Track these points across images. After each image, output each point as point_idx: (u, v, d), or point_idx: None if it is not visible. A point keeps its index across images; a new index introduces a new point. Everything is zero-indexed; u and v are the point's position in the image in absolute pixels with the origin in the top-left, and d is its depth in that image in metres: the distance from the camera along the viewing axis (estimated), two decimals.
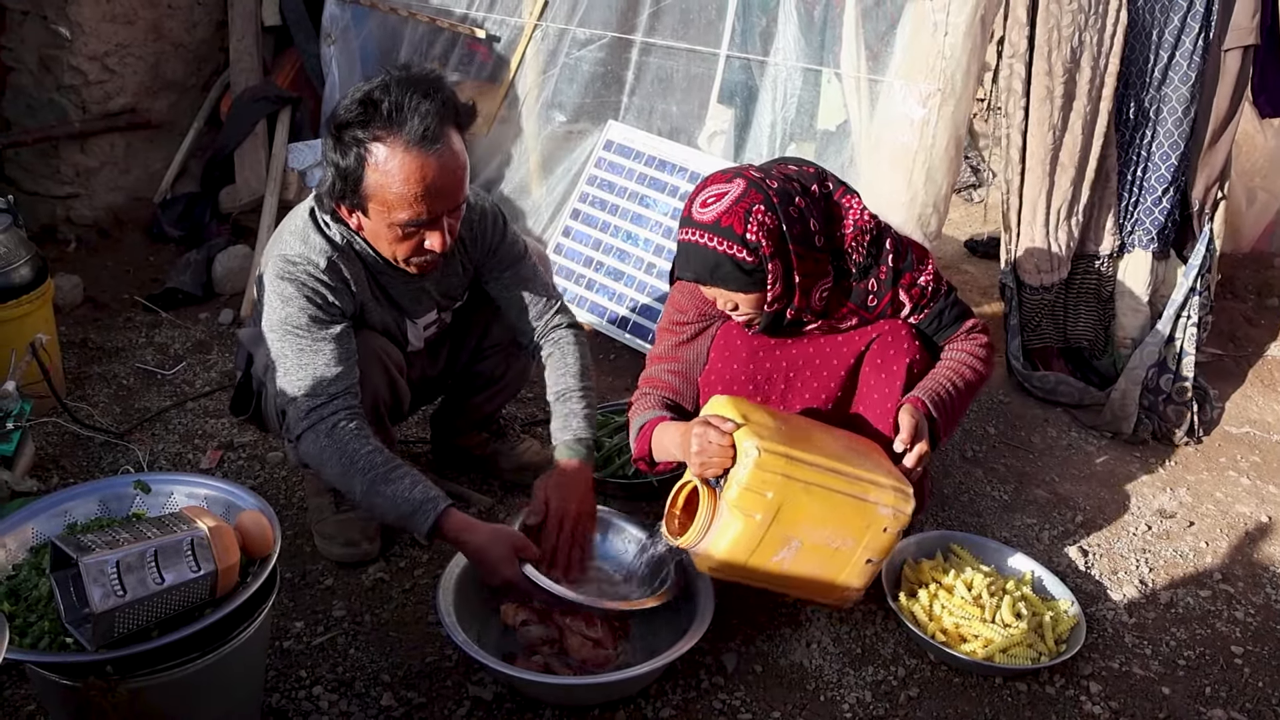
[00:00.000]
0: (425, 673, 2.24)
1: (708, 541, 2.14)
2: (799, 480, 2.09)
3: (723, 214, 2.17)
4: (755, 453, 2.07)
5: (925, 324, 2.45)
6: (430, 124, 2.05)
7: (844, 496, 2.13)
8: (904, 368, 2.37)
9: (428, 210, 2.11)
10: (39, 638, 1.73)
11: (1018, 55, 3.16)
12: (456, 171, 2.12)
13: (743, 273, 2.19)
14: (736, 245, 2.16)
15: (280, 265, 2.23)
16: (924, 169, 3.25)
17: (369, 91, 2.07)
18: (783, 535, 2.12)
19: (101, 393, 3.31)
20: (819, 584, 2.20)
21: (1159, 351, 3.26)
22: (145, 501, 2.05)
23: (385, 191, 2.08)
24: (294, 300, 2.21)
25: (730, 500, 2.09)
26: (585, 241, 3.76)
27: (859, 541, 2.16)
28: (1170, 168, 3.27)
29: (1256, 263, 4.46)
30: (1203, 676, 2.35)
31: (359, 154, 2.07)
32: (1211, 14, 3.11)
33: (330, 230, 2.26)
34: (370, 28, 4.48)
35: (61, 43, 4.08)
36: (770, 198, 2.19)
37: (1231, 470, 3.18)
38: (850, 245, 2.34)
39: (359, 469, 2.16)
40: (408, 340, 2.52)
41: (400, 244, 2.18)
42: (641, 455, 2.40)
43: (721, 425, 2.12)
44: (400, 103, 2.04)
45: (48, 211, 4.31)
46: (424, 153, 2.05)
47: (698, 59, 3.84)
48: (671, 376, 2.50)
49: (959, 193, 5.48)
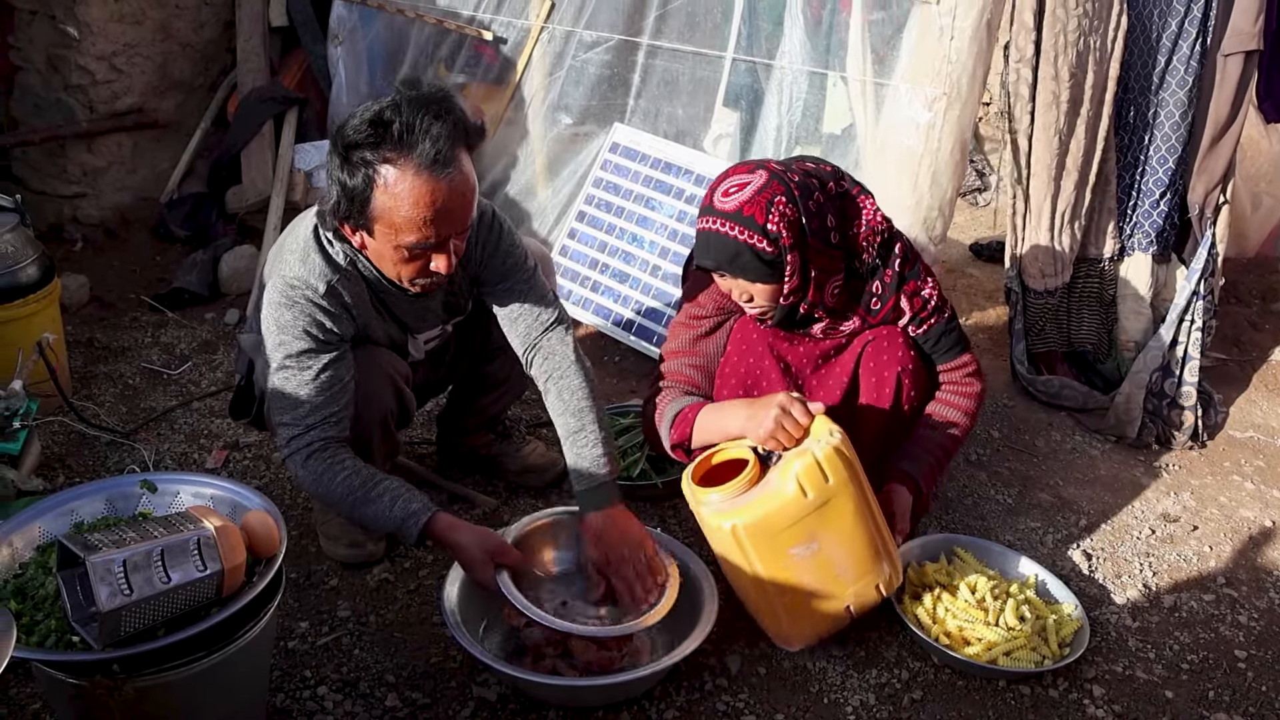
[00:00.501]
0: (430, 673, 2.24)
1: (747, 500, 2.14)
2: (854, 487, 2.14)
3: (745, 203, 2.18)
4: (837, 437, 2.12)
5: (922, 340, 2.47)
6: (442, 147, 2.00)
7: (872, 532, 2.19)
8: (894, 376, 2.41)
9: (435, 234, 2.06)
10: (45, 636, 1.73)
11: (1024, 60, 3.17)
12: (466, 195, 2.08)
13: (762, 263, 2.20)
14: (757, 235, 2.17)
15: (280, 288, 2.21)
16: (929, 173, 3.25)
17: (379, 111, 2.01)
18: (811, 530, 2.13)
19: (108, 392, 3.32)
20: (799, 605, 2.20)
21: (1163, 355, 3.27)
22: (151, 501, 2.06)
23: (393, 214, 2.03)
24: (289, 328, 2.19)
25: (795, 469, 2.09)
26: (591, 244, 3.77)
27: (857, 579, 2.20)
28: (1168, 171, 3.27)
29: (1261, 267, 4.46)
30: (1206, 680, 2.35)
31: (368, 175, 2.01)
32: (1209, 19, 3.12)
33: (333, 249, 2.23)
34: (377, 29, 4.49)
35: (69, 42, 4.10)
36: (791, 190, 2.20)
37: (1236, 475, 3.18)
38: (862, 244, 2.35)
39: (337, 496, 2.18)
40: (409, 353, 2.53)
41: (405, 265, 2.13)
42: (680, 442, 2.39)
43: (810, 405, 2.17)
44: (412, 124, 1.99)
45: (55, 211, 4.32)
46: (435, 177, 2.00)
47: (703, 62, 3.85)
48: (692, 371, 2.51)
49: (964, 197, 5.48)
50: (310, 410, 2.19)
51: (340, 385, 2.23)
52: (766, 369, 2.46)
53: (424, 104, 2.02)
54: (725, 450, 2.27)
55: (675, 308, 3.49)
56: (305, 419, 2.19)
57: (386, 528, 2.19)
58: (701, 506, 2.21)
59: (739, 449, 2.23)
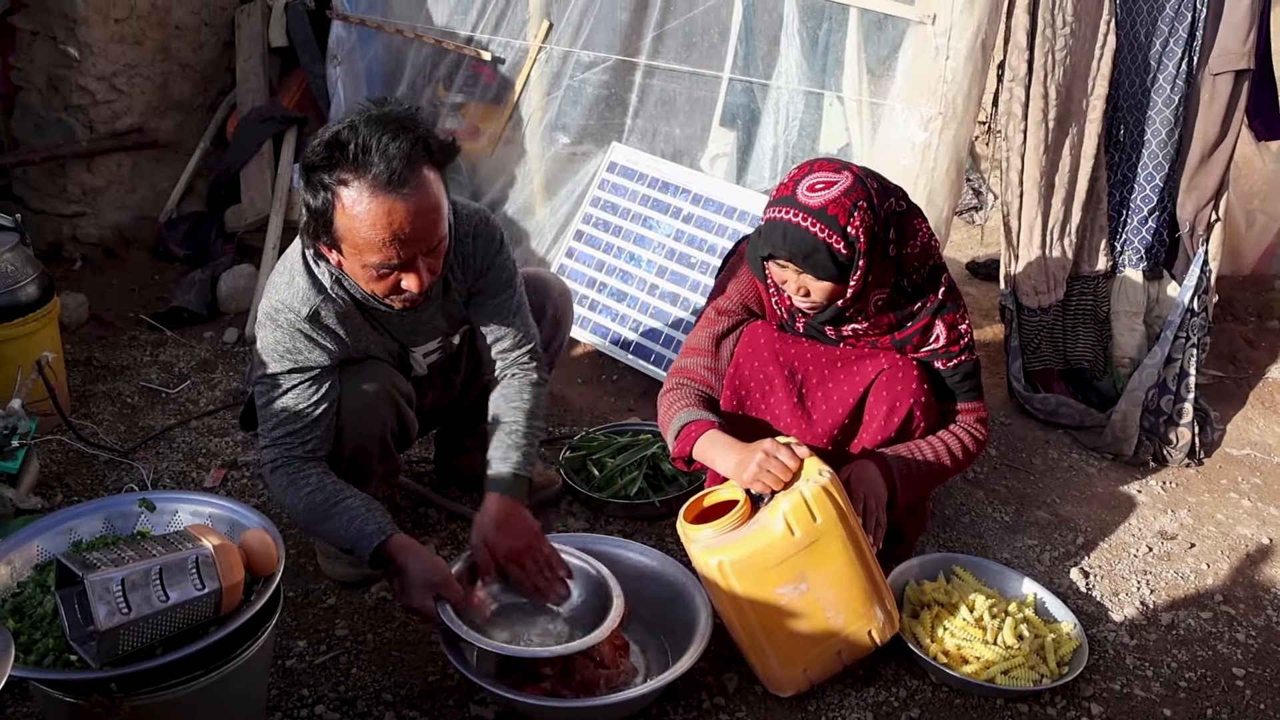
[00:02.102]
0: (427, 692, 2.24)
1: (735, 537, 2.14)
2: (843, 528, 2.13)
3: (830, 202, 2.20)
4: (826, 477, 2.13)
5: (949, 374, 2.48)
6: (397, 166, 1.97)
7: (864, 576, 2.18)
8: (907, 408, 2.40)
9: (398, 254, 2.04)
10: (43, 655, 1.74)
11: (1018, 79, 3.19)
12: (428, 214, 2.05)
13: (834, 263, 2.22)
14: (836, 235, 2.19)
15: (266, 309, 2.27)
16: (925, 191, 3.26)
17: (337, 132, 2.00)
18: (799, 569, 2.12)
19: (106, 411, 3.33)
20: (788, 648, 2.19)
21: (1159, 373, 3.28)
22: (150, 519, 2.07)
23: (355, 235, 2.02)
24: (270, 349, 2.25)
25: (782, 508, 2.10)
26: (588, 263, 3.78)
27: (848, 624, 2.19)
28: (1155, 189, 3.30)
29: (1256, 285, 4.47)
30: (1204, 698, 2.35)
31: (327, 197, 2.01)
32: (1195, 39, 3.15)
33: (318, 270, 2.23)
34: (376, 49, 4.52)
35: (70, 63, 4.12)
36: (872, 197, 2.24)
37: (1233, 492, 3.18)
38: (914, 265, 2.38)
39: (299, 511, 2.24)
40: (412, 368, 2.53)
41: (376, 283, 2.12)
42: (681, 455, 2.40)
43: (796, 449, 2.18)
44: (367, 144, 1.97)
45: (54, 230, 4.34)
46: (391, 196, 1.98)
47: (700, 82, 3.87)
48: (708, 373, 2.51)
49: (960, 215, 5.50)
50: (277, 425, 2.25)
51: (311, 406, 2.26)
52: (770, 375, 2.46)
53: (382, 123, 2.00)
54: (717, 492, 2.28)
55: (673, 326, 3.51)
56: (273, 433, 2.26)
57: (343, 546, 2.23)
58: (692, 544, 2.21)
59: (731, 490, 2.24)
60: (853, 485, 2.31)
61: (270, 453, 2.26)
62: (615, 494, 2.86)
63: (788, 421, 2.47)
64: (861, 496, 2.31)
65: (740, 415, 2.48)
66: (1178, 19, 3.14)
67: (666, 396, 2.49)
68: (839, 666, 2.26)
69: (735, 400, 2.49)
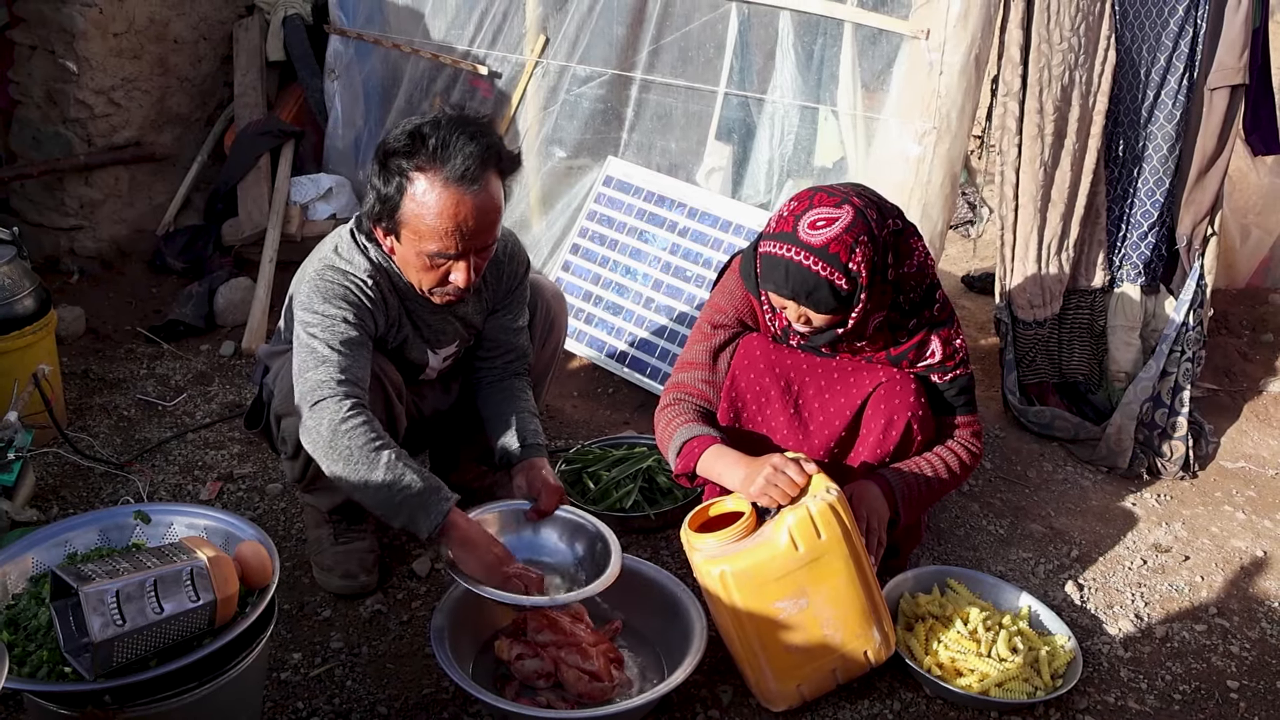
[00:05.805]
0: (422, 704, 2.24)
1: (738, 548, 2.15)
2: (847, 547, 2.14)
3: (832, 240, 2.20)
4: (834, 495, 2.13)
5: (945, 388, 2.49)
6: (471, 165, 2.15)
7: (864, 596, 2.18)
8: (905, 422, 2.41)
9: (456, 245, 2.20)
10: (38, 667, 1.74)
11: (1011, 94, 3.21)
12: (490, 214, 2.22)
13: (836, 299, 2.23)
14: (839, 273, 2.20)
15: (319, 269, 2.32)
16: (920, 206, 3.28)
17: (420, 126, 2.18)
18: (801, 585, 2.13)
19: (102, 423, 3.33)
20: (784, 662, 2.19)
21: (1153, 386, 3.29)
22: (145, 532, 2.07)
23: (419, 221, 2.18)
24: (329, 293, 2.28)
25: (788, 522, 2.11)
26: (584, 276, 3.79)
27: (845, 643, 2.19)
28: (1156, 204, 3.31)
29: (1251, 299, 4.48)
30: (1198, 711, 2.35)
31: (400, 182, 2.17)
32: (1196, 54, 3.16)
33: (369, 253, 2.36)
34: (373, 63, 4.54)
35: (68, 77, 4.13)
36: (872, 229, 2.24)
37: (1227, 505, 3.19)
38: (911, 284, 2.38)
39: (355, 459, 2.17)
40: (427, 366, 2.58)
41: (427, 273, 2.26)
42: (684, 472, 2.41)
43: (804, 464, 2.19)
44: (447, 141, 2.15)
45: (51, 243, 4.34)
46: (461, 190, 2.16)
47: (696, 96, 3.89)
48: (706, 386, 2.52)
49: (955, 229, 5.51)
50: (340, 368, 2.22)
51: (366, 351, 2.30)
52: (766, 388, 2.46)
53: (462, 124, 2.20)
54: (723, 503, 2.28)
55: (669, 339, 3.51)
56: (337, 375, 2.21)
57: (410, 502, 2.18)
58: (695, 552, 2.22)
59: (737, 501, 2.25)
60: (855, 505, 2.31)
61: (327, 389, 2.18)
62: (610, 507, 2.86)
63: (785, 434, 2.48)
64: (864, 516, 2.32)
65: (737, 428, 2.49)
66: (1181, 35, 3.15)
67: (664, 412, 2.50)
68: (833, 684, 2.25)
69: (732, 413, 2.49)
